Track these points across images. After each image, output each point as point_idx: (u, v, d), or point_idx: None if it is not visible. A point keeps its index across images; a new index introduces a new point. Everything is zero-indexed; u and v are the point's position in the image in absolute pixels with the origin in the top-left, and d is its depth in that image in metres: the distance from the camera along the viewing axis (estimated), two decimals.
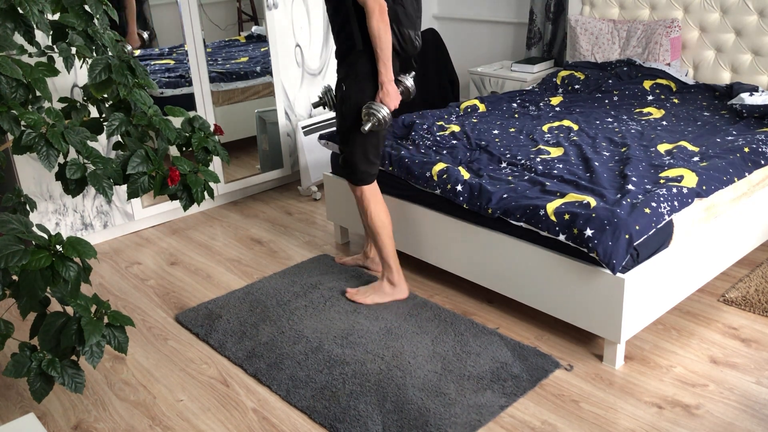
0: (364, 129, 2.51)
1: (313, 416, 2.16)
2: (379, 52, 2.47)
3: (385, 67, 2.50)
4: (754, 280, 2.81)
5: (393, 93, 2.53)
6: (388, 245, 2.74)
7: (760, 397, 2.17)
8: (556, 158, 2.79)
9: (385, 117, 2.51)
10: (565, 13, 4.34)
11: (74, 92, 3.26)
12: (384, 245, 2.74)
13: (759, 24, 3.44)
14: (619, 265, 2.15)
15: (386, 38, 2.45)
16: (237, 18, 4.36)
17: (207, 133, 2.32)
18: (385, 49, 2.46)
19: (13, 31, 2.07)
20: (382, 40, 2.45)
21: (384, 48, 2.46)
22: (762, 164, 2.68)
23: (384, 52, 2.47)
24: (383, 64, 2.49)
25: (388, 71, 2.51)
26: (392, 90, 2.53)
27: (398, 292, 2.80)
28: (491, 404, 2.17)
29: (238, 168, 4.20)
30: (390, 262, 2.76)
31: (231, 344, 2.57)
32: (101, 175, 2.04)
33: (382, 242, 2.74)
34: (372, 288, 2.81)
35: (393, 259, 2.76)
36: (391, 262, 2.76)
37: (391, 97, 2.53)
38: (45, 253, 1.80)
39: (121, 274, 3.24)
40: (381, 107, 2.51)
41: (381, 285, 2.81)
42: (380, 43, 2.45)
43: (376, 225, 2.72)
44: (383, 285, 2.80)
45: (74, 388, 1.93)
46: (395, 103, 2.55)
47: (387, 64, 2.49)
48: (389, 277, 2.79)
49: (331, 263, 3.15)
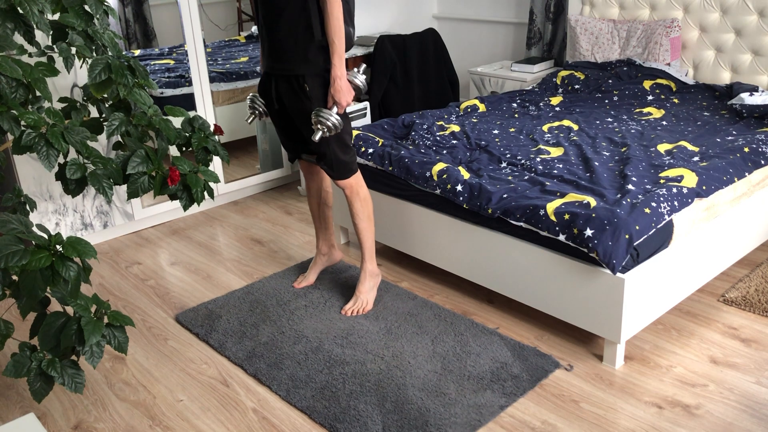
0: (315, 138, 2.40)
1: (313, 416, 2.16)
2: (337, 42, 2.31)
3: (340, 60, 2.34)
4: (754, 280, 2.81)
5: (346, 89, 2.38)
6: (373, 233, 2.71)
7: (760, 397, 2.17)
8: (556, 158, 2.79)
9: (335, 123, 2.39)
10: (565, 13, 4.34)
11: (74, 92, 3.26)
12: (372, 234, 2.71)
13: (759, 24, 3.44)
14: (619, 265, 2.15)
15: (343, 28, 2.32)
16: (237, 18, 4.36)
17: (207, 133, 2.32)
18: (343, 40, 2.33)
19: (13, 31, 2.07)
20: (342, 30, 2.31)
21: (342, 39, 2.33)
22: (762, 164, 2.68)
23: (342, 43, 2.33)
24: (339, 57, 2.34)
25: (342, 65, 2.36)
26: (345, 86, 2.38)
27: (378, 276, 2.80)
28: (491, 404, 2.17)
29: (238, 168, 4.20)
30: (373, 250, 2.74)
31: (231, 344, 2.57)
32: (101, 175, 2.04)
33: (371, 230, 2.70)
34: (361, 293, 2.75)
35: (373, 246, 2.74)
36: (374, 250, 2.74)
37: (344, 94, 2.38)
38: (45, 253, 1.80)
39: (121, 274, 3.24)
40: (330, 114, 2.38)
41: (366, 283, 2.76)
42: (340, 33, 2.31)
43: (369, 213, 2.67)
44: (368, 282, 2.76)
45: (74, 388, 1.93)
46: (348, 99, 2.40)
47: (342, 56, 2.35)
48: (371, 268, 2.75)
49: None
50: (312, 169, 2.84)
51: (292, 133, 2.67)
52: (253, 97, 2.67)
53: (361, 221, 2.68)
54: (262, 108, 2.67)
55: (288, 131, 2.68)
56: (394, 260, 3.19)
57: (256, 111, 2.68)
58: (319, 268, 3.01)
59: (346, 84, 2.39)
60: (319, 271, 3.01)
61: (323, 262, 3.01)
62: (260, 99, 2.66)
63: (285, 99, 2.52)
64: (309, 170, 2.84)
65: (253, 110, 2.68)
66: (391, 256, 3.23)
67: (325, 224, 2.95)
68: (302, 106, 2.48)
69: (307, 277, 2.98)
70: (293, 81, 2.46)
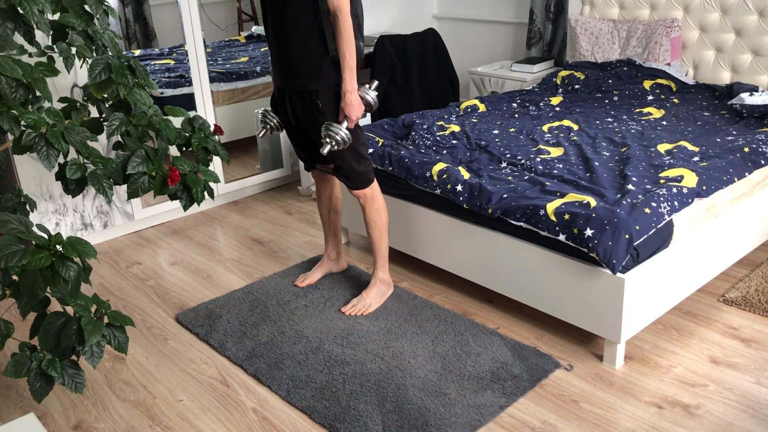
0: (323, 152, 2.41)
1: (313, 416, 2.16)
2: (349, 57, 2.33)
3: (351, 75, 2.35)
4: (754, 280, 2.81)
5: (356, 104, 2.39)
6: (386, 241, 2.73)
7: (760, 397, 2.17)
8: (556, 158, 2.79)
9: (344, 138, 2.39)
10: (565, 13, 4.34)
11: (74, 92, 3.26)
12: (385, 243, 2.72)
13: (759, 24, 3.44)
14: (619, 265, 2.15)
15: (354, 43, 2.33)
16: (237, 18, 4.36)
17: (207, 133, 2.32)
18: (354, 55, 2.34)
19: (13, 31, 2.07)
20: (353, 45, 2.32)
21: (354, 53, 2.34)
22: (762, 164, 2.68)
23: (353, 57, 2.34)
24: (350, 71, 2.35)
25: (353, 79, 2.37)
26: (356, 100, 2.39)
27: (390, 288, 2.80)
28: (491, 404, 2.17)
29: (238, 168, 4.20)
30: (386, 258, 2.74)
31: (231, 344, 2.57)
32: (101, 175, 2.04)
33: (385, 240, 2.72)
34: (367, 296, 2.75)
35: (387, 255, 2.75)
36: (386, 259, 2.75)
37: (354, 108, 2.39)
38: (45, 253, 1.80)
39: (121, 274, 3.24)
40: (339, 128, 2.39)
41: (375, 289, 2.76)
42: (351, 48, 2.32)
43: (383, 222, 2.68)
44: (379, 287, 2.77)
45: (74, 388, 1.93)
46: (358, 113, 2.41)
47: (353, 71, 2.36)
48: (382, 276, 2.77)
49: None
50: (324, 177, 2.86)
51: (307, 144, 2.69)
52: (265, 112, 2.68)
53: (374, 230, 2.69)
54: (273, 123, 2.66)
55: (303, 143, 2.70)
56: (394, 260, 3.19)
57: (267, 125, 2.68)
58: (325, 270, 3.01)
59: (356, 99, 2.40)
60: (323, 274, 3.01)
61: (330, 266, 3.02)
62: (272, 114, 2.67)
63: (299, 113, 2.54)
64: (321, 178, 2.86)
65: (264, 125, 2.68)
66: (391, 256, 3.23)
67: (335, 230, 2.97)
68: (315, 120, 2.49)
69: (310, 276, 2.98)
70: (306, 96, 2.47)
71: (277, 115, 2.66)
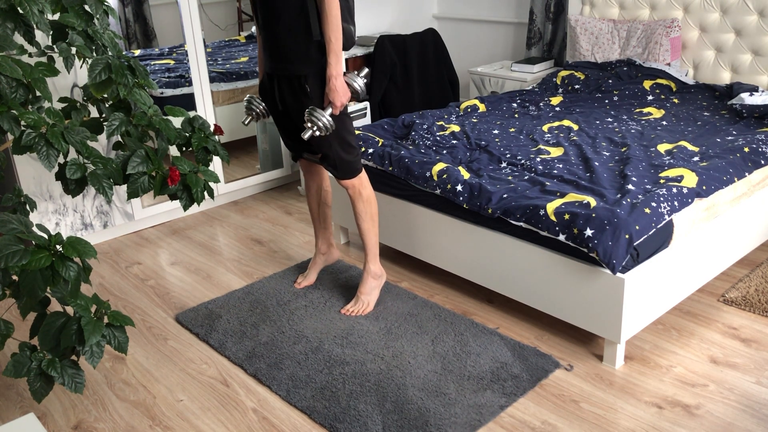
0: (304, 136, 2.37)
1: (313, 416, 2.17)
2: (334, 41, 2.27)
3: (337, 59, 2.28)
4: (754, 280, 2.81)
5: (341, 89, 2.33)
6: (376, 233, 2.70)
7: (760, 397, 2.17)
8: (556, 158, 2.79)
9: (326, 124, 2.34)
10: (565, 13, 4.34)
11: (74, 92, 3.26)
12: (375, 235, 2.69)
13: (759, 24, 3.44)
14: (619, 265, 2.15)
15: (340, 26, 2.29)
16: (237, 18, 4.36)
17: (207, 133, 2.32)
18: (340, 39, 2.30)
19: (13, 31, 2.07)
20: (340, 29, 2.28)
21: (339, 37, 2.29)
22: (762, 164, 2.68)
23: (339, 41, 2.30)
24: (335, 55, 2.28)
25: (339, 64, 2.30)
26: (340, 86, 2.33)
27: (382, 278, 2.79)
28: (491, 404, 2.17)
29: (238, 168, 4.20)
30: (376, 250, 2.72)
31: (231, 344, 2.57)
32: (101, 175, 2.04)
33: (375, 231, 2.69)
34: (363, 294, 2.74)
35: (377, 247, 2.73)
36: (377, 251, 2.73)
37: (338, 94, 2.33)
38: (45, 253, 1.80)
39: (121, 274, 3.24)
40: (323, 114, 2.34)
41: (368, 284, 2.75)
42: (337, 31, 2.27)
43: (372, 213, 2.65)
44: (370, 282, 2.75)
45: (74, 388, 1.93)
46: (343, 100, 2.35)
47: (340, 55, 2.31)
48: (374, 269, 2.74)
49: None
50: (312, 168, 2.84)
51: (294, 132, 2.67)
52: (251, 98, 2.65)
53: (363, 222, 2.67)
54: (259, 109, 2.65)
55: (290, 131, 2.68)
56: (394, 260, 3.19)
57: (252, 112, 2.66)
58: (319, 267, 3.01)
59: (341, 84, 2.35)
60: (318, 270, 3.01)
61: (322, 261, 3.01)
62: (258, 100, 2.65)
63: (287, 99, 2.52)
64: (309, 169, 2.84)
65: (249, 111, 2.66)
66: (391, 256, 3.23)
67: (324, 224, 2.95)
68: (302, 106, 2.47)
69: (308, 276, 2.97)
70: (294, 81, 2.45)
71: (264, 101, 2.64)
